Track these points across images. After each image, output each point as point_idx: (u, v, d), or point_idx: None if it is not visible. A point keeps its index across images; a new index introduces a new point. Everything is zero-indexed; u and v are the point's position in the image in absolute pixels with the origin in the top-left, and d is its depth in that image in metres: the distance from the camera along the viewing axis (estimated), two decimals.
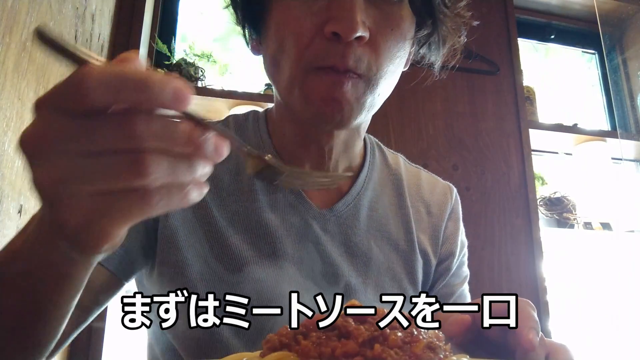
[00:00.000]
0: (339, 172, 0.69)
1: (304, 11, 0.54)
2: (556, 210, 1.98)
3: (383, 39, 0.55)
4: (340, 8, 0.51)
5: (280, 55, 0.57)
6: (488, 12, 2.08)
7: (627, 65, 2.42)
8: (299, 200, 0.66)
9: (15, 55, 0.90)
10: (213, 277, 0.62)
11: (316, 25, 0.53)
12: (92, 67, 0.26)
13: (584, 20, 2.39)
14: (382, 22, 0.54)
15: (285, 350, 0.34)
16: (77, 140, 0.27)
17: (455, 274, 0.75)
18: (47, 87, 1.07)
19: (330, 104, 0.55)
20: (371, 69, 0.55)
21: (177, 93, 0.27)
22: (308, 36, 0.53)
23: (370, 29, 0.53)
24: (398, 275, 0.69)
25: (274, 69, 0.59)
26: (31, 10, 0.96)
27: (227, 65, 1.89)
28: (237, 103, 1.71)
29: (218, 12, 2.04)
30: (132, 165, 0.27)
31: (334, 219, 0.67)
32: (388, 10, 0.55)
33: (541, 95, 2.19)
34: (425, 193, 0.76)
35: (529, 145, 1.93)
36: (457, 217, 0.78)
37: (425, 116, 1.87)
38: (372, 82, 0.56)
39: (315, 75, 0.55)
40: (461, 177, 1.84)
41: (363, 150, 0.74)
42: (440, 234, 0.74)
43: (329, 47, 0.53)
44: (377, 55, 0.55)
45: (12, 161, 0.91)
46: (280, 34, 0.56)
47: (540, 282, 1.77)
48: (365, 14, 0.52)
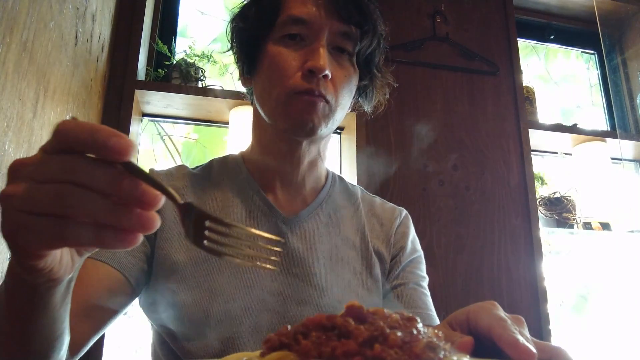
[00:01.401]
0: (305, 189, 0.86)
1: (290, 55, 0.76)
2: (556, 210, 1.98)
3: (340, 80, 0.77)
4: (315, 54, 0.74)
5: (270, 84, 0.77)
6: (488, 12, 2.09)
7: (627, 65, 2.42)
8: (271, 210, 0.82)
9: (15, 56, 0.90)
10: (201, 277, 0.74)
11: (298, 64, 0.75)
12: (67, 122, 0.34)
13: (584, 20, 2.40)
14: (339, 69, 0.77)
15: (285, 349, 0.34)
16: (35, 167, 0.35)
17: (407, 270, 0.87)
18: (47, 87, 1.07)
19: (306, 117, 0.75)
20: (332, 98, 0.76)
21: (117, 145, 0.33)
22: (292, 71, 0.75)
23: (332, 72, 0.75)
24: (357, 269, 0.83)
25: (265, 94, 0.79)
26: (31, 10, 0.96)
27: (227, 65, 1.89)
28: (237, 103, 1.71)
29: (218, 12, 2.04)
30: (59, 192, 0.34)
31: (299, 224, 0.83)
32: (343, 63, 0.78)
33: (541, 95, 2.19)
34: (378, 211, 0.93)
35: (528, 146, 1.93)
36: (407, 226, 0.93)
37: (425, 116, 1.87)
38: (333, 108, 0.77)
39: (295, 98, 0.74)
40: (461, 177, 1.84)
41: (325, 178, 0.92)
42: (391, 237, 0.89)
43: (306, 78, 0.74)
44: (336, 90, 0.77)
45: (12, 161, 0.91)
46: (272, 68, 0.77)
47: (540, 282, 1.77)
48: (330, 62, 0.75)
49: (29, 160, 0.36)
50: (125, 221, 0.34)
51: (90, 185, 0.34)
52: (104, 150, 0.33)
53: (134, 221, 0.34)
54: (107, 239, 0.35)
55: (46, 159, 0.35)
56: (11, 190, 0.35)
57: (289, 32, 0.76)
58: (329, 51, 0.76)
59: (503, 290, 1.74)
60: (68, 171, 0.34)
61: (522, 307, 1.73)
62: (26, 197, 0.34)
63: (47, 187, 0.34)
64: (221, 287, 0.73)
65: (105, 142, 0.33)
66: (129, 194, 0.34)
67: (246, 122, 1.70)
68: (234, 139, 1.68)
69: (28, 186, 0.35)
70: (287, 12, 0.76)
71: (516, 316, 0.44)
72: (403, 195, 1.74)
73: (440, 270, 1.69)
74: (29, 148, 0.99)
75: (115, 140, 0.33)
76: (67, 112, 1.21)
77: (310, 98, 0.74)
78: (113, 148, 0.33)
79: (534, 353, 0.38)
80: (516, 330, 0.41)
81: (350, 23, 0.76)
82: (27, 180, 0.35)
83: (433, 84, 1.92)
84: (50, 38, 1.07)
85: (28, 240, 0.35)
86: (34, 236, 0.35)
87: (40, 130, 1.04)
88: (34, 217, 0.34)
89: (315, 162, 0.87)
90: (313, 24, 0.75)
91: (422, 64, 1.93)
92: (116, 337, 1.51)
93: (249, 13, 0.81)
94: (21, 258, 0.37)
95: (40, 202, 0.34)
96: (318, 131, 0.77)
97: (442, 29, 1.99)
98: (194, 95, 1.66)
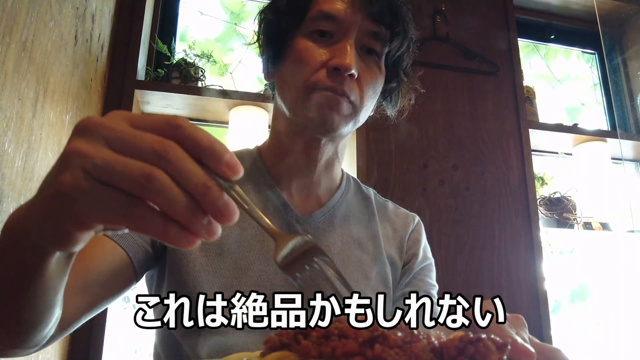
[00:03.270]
0: (320, 189, 0.85)
1: (315, 50, 0.74)
2: (556, 210, 1.98)
3: (365, 81, 0.76)
4: (342, 52, 0.72)
5: (293, 77, 0.76)
6: (488, 12, 2.09)
7: (627, 65, 2.42)
8: (285, 208, 0.81)
9: (15, 55, 0.90)
10: (216, 272, 0.73)
11: (323, 60, 0.73)
12: (186, 120, 0.34)
13: (584, 20, 2.39)
14: (366, 70, 0.76)
15: (286, 350, 0.34)
16: (123, 136, 0.32)
17: (418, 278, 0.87)
18: (47, 87, 1.07)
19: (327, 113, 0.73)
20: (357, 99, 0.75)
21: (232, 162, 0.34)
22: (316, 66, 0.73)
23: (358, 72, 0.73)
24: (369, 273, 0.82)
25: (286, 87, 0.78)
26: (31, 10, 0.96)
27: (227, 65, 1.89)
28: (237, 103, 1.71)
29: (218, 12, 2.04)
30: (145, 172, 0.31)
31: (313, 223, 0.82)
32: (370, 63, 0.77)
33: (541, 95, 2.19)
34: (391, 216, 0.92)
35: (528, 146, 1.93)
36: (419, 233, 0.93)
37: (425, 116, 1.87)
38: (356, 109, 0.76)
39: (317, 93, 0.73)
40: (461, 177, 1.84)
41: (340, 179, 0.91)
42: (404, 244, 0.89)
43: (330, 76, 0.72)
44: (361, 91, 0.75)
45: (12, 161, 0.91)
46: (296, 62, 0.75)
47: (540, 282, 1.77)
48: (357, 61, 0.74)
49: (109, 123, 0.33)
50: (195, 223, 0.33)
51: (179, 177, 0.32)
52: (217, 161, 0.33)
53: (204, 227, 0.33)
54: (172, 233, 0.33)
55: (140, 133, 0.33)
56: (85, 148, 0.32)
57: (318, 28, 0.75)
58: (357, 51, 0.75)
59: (503, 290, 1.73)
60: (164, 155, 0.32)
61: (522, 307, 1.73)
62: (104, 164, 0.31)
63: (133, 163, 0.31)
64: (232, 283, 0.73)
65: (222, 154, 0.33)
66: (212, 201, 0.32)
67: (246, 122, 1.70)
68: (234, 139, 1.68)
69: (109, 153, 0.32)
70: (318, 7, 0.75)
71: (516, 315, 0.44)
72: (403, 195, 1.74)
73: (440, 270, 1.68)
74: (29, 148, 0.99)
75: (231, 157, 0.33)
76: (66, 112, 1.21)
77: (332, 95, 0.73)
78: (228, 163, 0.33)
79: (532, 353, 0.38)
80: (514, 331, 0.40)
81: (381, 23, 0.75)
82: (106, 145, 0.32)
83: (433, 84, 1.92)
84: (50, 38, 1.07)
85: (90, 209, 0.32)
86: (99, 207, 0.32)
87: (39, 130, 1.04)
88: (104, 187, 0.31)
89: (332, 162, 0.86)
90: (343, 21, 0.74)
91: (422, 64, 1.92)
92: (116, 337, 1.51)
93: (279, 5, 0.80)
94: (64, 221, 0.33)
95: (121, 175, 0.31)
96: (339, 129, 0.76)
97: (442, 29, 1.99)
98: (193, 95, 1.66)
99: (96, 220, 0.33)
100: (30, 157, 0.99)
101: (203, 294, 0.41)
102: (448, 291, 0.40)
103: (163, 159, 0.32)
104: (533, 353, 0.38)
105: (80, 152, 0.32)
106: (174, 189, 0.32)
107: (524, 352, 0.38)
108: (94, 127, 0.33)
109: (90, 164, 0.31)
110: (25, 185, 0.98)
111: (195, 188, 0.32)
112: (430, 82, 1.92)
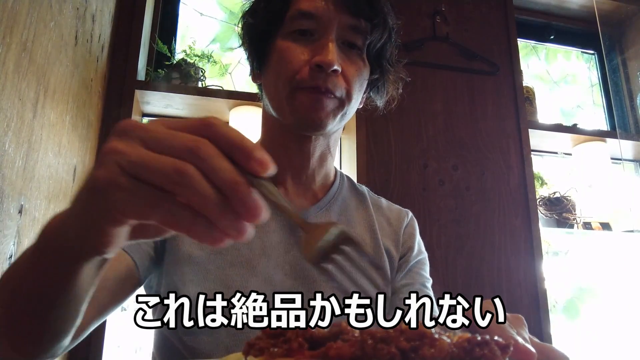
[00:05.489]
0: (316, 184, 0.87)
1: (296, 49, 0.75)
2: (556, 211, 1.98)
3: (350, 75, 0.76)
4: (324, 49, 0.73)
5: (276, 78, 0.77)
6: (488, 12, 2.09)
7: (627, 65, 2.42)
8: None
9: (15, 56, 0.90)
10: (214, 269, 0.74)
11: (305, 59, 0.74)
12: (218, 119, 0.35)
13: (584, 20, 2.39)
14: (349, 64, 0.76)
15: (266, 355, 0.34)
16: (157, 136, 0.34)
17: (414, 271, 0.88)
18: (47, 88, 1.07)
19: (312, 114, 0.74)
20: (343, 94, 0.76)
21: (262, 158, 0.34)
22: (299, 65, 0.74)
23: (342, 66, 0.74)
24: (367, 266, 0.81)
25: (272, 88, 0.79)
26: (31, 10, 0.96)
27: (227, 65, 1.89)
28: (237, 103, 1.71)
29: (218, 13, 2.04)
30: (177, 167, 0.32)
31: (309, 218, 0.83)
32: (353, 57, 0.77)
33: (541, 96, 2.19)
34: (385, 211, 0.93)
35: (528, 146, 1.93)
36: (413, 227, 0.94)
37: (425, 116, 1.87)
38: (343, 104, 0.77)
39: (302, 93, 0.74)
40: (461, 177, 1.84)
41: (334, 175, 0.92)
42: (400, 237, 0.90)
43: (314, 74, 0.73)
44: (348, 84, 0.76)
45: (12, 161, 0.91)
46: (279, 63, 0.76)
47: (540, 282, 1.77)
48: (339, 56, 0.74)
49: (145, 125, 0.35)
50: (225, 221, 0.33)
51: (210, 174, 0.33)
52: (247, 157, 0.33)
53: (233, 225, 0.33)
54: (199, 228, 0.33)
55: (173, 133, 0.34)
56: (121, 147, 0.34)
57: (299, 28, 0.76)
58: (339, 46, 0.75)
59: (503, 290, 1.73)
60: (195, 151, 0.33)
61: (522, 306, 1.73)
62: (138, 160, 0.33)
63: (166, 159, 0.33)
64: (233, 280, 0.73)
65: (252, 150, 0.34)
66: (240, 196, 0.33)
67: (246, 122, 1.70)
68: None
69: (143, 151, 0.33)
70: (296, 6, 0.76)
71: (516, 315, 0.44)
72: (403, 195, 1.74)
73: (440, 270, 1.69)
74: (29, 148, 0.99)
75: (261, 153, 0.34)
76: (67, 112, 1.21)
77: (316, 95, 0.73)
78: (258, 159, 0.34)
79: (533, 353, 0.38)
80: (514, 331, 0.40)
81: (359, 16, 0.76)
82: (140, 144, 0.34)
83: (433, 84, 1.92)
84: (50, 38, 1.07)
85: (123, 204, 0.33)
86: (133, 201, 0.33)
87: (40, 130, 1.04)
88: (137, 182, 0.33)
89: (325, 156, 0.87)
90: (322, 18, 0.74)
91: (422, 64, 1.92)
92: (116, 337, 1.51)
93: (258, 8, 0.81)
94: (98, 217, 0.35)
95: (154, 170, 0.32)
96: (327, 127, 0.77)
97: (442, 29, 1.99)
98: (194, 95, 1.66)
99: (129, 214, 0.34)
100: (30, 157, 0.99)
101: (203, 294, 0.41)
102: (448, 291, 0.40)
103: (195, 155, 0.33)
104: (534, 353, 0.38)
105: (116, 150, 0.33)
106: (204, 184, 0.32)
107: (525, 352, 0.38)
108: (130, 129, 0.34)
109: (125, 160, 0.33)
110: (26, 185, 0.98)
111: (224, 183, 0.33)
112: (430, 82, 1.92)
